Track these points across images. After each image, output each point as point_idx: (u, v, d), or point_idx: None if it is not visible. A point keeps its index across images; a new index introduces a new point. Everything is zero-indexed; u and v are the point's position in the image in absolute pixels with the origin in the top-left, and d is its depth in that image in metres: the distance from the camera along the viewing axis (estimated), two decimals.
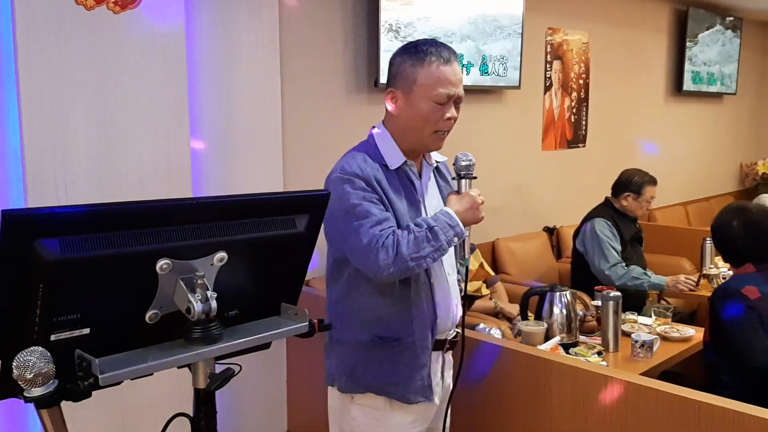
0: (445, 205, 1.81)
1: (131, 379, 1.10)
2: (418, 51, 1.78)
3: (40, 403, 0.99)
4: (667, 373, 2.78)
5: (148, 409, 2.67)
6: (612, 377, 2.02)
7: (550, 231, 4.86)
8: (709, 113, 6.80)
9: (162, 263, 1.08)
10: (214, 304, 1.12)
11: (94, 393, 1.06)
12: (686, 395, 1.87)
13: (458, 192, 1.82)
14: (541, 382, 2.18)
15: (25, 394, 0.98)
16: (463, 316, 1.94)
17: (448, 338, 1.92)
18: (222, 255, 1.15)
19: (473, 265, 3.58)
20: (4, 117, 2.39)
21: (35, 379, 0.96)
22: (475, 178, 1.84)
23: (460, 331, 1.95)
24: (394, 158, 1.82)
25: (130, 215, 1.08)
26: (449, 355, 1.99)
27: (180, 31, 2.70)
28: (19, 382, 0.97)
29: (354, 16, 3.48)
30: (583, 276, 3.68)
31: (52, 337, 1.02)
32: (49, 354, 0.98)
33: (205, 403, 1.19)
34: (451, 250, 1.88)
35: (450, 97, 1.77)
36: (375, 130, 1.88)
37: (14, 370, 0.96)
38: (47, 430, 1.03)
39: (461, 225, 1.74)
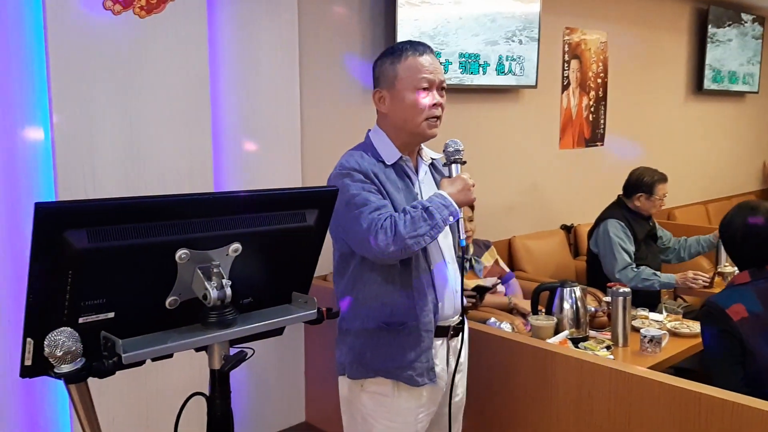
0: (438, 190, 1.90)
1: (152, 360, 1.18)
2: (394, 50, 1.92)
3: (69, 378, 1.07)
4: (682, 370, 2.81)
5: (169, 392, 2.79)
6: (615, 369, 2.08)
7: (568, 229, 4.88)
8: (731, 112, 6.75)
9: (181, 253, 1.16)
10: (228, 291, 1.19)
11: (121, 377, 1.14)
12: (686, 387, 1.93)
13: (449, 176, 1.91)
14: (548, 374, 2.24)
15: (55, 370, 1.06)
16: (461, 299, 1.99)
17: (452, 324, 1.99)
18: (237, 246, 1.23)
19: (488, 261, 3.64)
20: (36, 116, 2.50)
21: (64, 357, 1.04)
22: (464, 162, 1.93)
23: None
24: (390, 154, 1.92)
25: (152, 208, 1.16)
26: (455, 343, 2.04)
27: (203, 34, 2.80)
28: (50, 360, 1.05)
29: (371, 18, 3.56)
30: (598, 274, 3.69)
31: (80, 320, 1.10)
32: (77, 334, 1.06)
33: (220, 384, 1.27)
34: (451, 241, 1.95)
35: (431, 83, 1.88)
36: (371, 131, 1.99)
37: (45, 348, 1.04)
38: (75, 403, 1.12)
39: (455, 205, 1.82)
